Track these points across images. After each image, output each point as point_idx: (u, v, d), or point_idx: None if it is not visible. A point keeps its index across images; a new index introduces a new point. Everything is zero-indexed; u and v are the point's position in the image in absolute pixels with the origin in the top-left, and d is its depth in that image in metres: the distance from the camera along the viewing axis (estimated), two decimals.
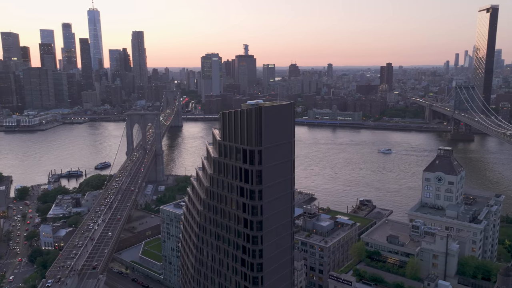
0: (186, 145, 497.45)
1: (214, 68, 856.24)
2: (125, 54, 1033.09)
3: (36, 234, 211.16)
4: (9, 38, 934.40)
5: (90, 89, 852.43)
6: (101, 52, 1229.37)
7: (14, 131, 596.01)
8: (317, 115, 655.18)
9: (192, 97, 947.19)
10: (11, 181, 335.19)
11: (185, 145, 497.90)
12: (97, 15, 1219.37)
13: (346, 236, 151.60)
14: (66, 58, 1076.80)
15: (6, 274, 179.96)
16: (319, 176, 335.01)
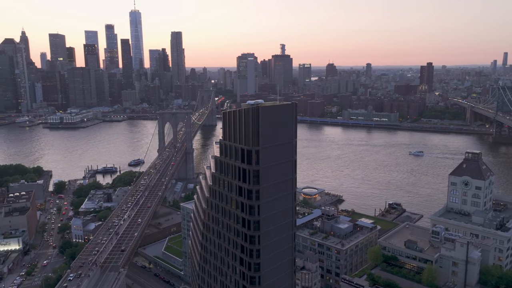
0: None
1: (250, 67, 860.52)
2: (164, 54, 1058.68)
3: (68, 226, 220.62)
4: (56, 40, 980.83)
5: (130, 88, 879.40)
6: (141, 52, 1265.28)
7: (58, 128, 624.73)
8: (352, 116, 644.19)
9: (228, 96, 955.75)
10: (50, 175, 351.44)
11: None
12: (139, 17, 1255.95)
13: (365, 239, 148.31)
14: (108, 58, 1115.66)
15: (38, 264, 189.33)
16: (349, 178, 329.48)
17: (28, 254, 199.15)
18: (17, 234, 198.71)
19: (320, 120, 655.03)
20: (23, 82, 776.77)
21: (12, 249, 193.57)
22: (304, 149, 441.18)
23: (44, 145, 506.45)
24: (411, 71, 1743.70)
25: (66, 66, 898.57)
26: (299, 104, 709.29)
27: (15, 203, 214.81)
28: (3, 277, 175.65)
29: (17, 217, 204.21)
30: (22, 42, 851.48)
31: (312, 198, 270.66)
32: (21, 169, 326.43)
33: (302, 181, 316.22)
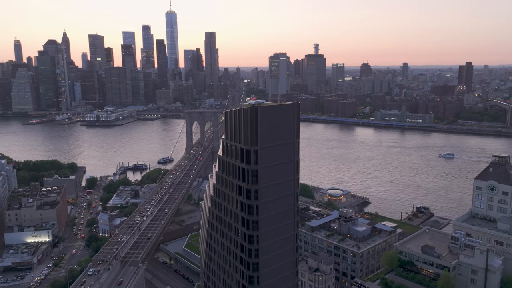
0: None
1: (282, 67, 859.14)
2: (198, 54, 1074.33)
3: (95, 221, 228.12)
4: (95, 40, 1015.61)
5: (164, 88, 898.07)
6: (177, 52, 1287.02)
7: (94, 125, 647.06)
8: (385, 117, 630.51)
9: (260, 96, 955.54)
10: (84, 171, 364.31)
11: None
12: (174, 17, 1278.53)
13: (383, 243, 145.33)
14: (145, 58, 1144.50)
15: (65, 256, 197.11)
16: (377, 180, 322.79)
17: (57, 246, 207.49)
18: (47, 226, 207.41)
19: (352, 121, 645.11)
20: (64, 82, 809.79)
21: (42, 241, 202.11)
22: (332, 150, 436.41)
23: (80, 142, 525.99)
24: (451, 71, 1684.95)
25: (104, 66, 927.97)
26: (331, 104, 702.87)
27: (47, 197, 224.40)
28: (33, 267, 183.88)
29: (48, 210, 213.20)
30: (63, 43, 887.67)
31: (337, 200, 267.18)
32: (57, 165, 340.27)
33: (328, 182, 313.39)
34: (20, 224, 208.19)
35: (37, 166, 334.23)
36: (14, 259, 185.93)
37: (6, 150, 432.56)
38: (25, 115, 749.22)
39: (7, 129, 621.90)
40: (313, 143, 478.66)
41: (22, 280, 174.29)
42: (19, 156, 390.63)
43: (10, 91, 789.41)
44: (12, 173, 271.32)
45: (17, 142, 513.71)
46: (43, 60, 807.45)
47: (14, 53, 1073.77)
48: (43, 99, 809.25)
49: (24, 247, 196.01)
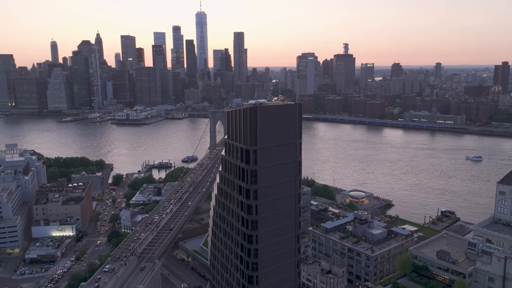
0: None
1: (310, 67, 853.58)
2: (226, 54, 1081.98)
3: (118, 217, 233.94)
4: (127, 41, 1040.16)
5: (193, 87, 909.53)
6: (206, 52, 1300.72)
7: (124, 124, 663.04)
8: (414, 118, 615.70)
9: (288, 96, 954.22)
10: (111, 168, 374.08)
11: None
12: (204, 18, 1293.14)
13: (398, 247, 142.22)
14: (175, 58, 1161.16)
15: (88, 251, 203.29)
16: (401, 182, 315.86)
17: (81, 240, 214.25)
18: (71, 221, 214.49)
19: (380, 122, 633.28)
20: (96, 81, 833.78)
21: (67, 235, 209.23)
22: (357, 151, 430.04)
23: (109, 140, 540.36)
24: (488, 71, 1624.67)
25: (135, 66, 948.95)
26: (358, 104, 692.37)
27: (72, 193, 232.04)
28: (56, 260, 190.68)
29: (73, 205, 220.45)
30: (96, 44, 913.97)
31: (359, 202, 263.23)
32: (85, 162, 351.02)
33: (351, 183, 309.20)
34: (46, 218, 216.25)
35: (67, 162, 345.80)
36: (40, 252, 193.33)
37: (39, 147, 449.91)
38: (59, 113, 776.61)
39: (42, 127, 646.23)
40: (338, 144, 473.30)
41: (46, 272, 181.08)
42: (51, 152, 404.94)
43: (46, 90, 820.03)
44: (42, 169, 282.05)
45: (50, 139, 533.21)
46: (77, 60, 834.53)
47: (50, 53, 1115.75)
48: (76, 98, 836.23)
49: (49, 240, 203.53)
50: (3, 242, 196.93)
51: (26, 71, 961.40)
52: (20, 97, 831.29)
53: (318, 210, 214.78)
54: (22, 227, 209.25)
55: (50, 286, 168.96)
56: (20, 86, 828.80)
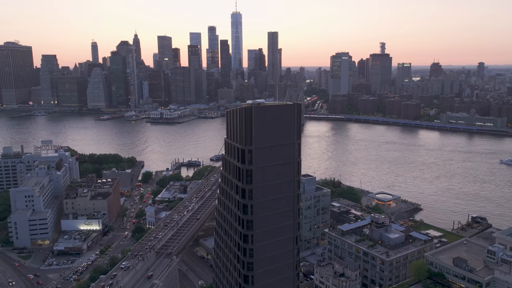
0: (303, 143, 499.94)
1: (343, 67, 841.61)
2: (260, 54, 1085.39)
3: (143, 213, 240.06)
4: (164, 41, 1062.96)
5: (226, 87, 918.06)
6: (241, 52, 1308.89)
7: (158, 122, 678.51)
8: (451, 119, 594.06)
9: (321, 96, 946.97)
10: (142, 166, 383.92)
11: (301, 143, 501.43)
12: (239, 18, 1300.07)
13: (416, 252, 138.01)
14: (210, 58, 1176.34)
15: (112, 245, 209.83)
16: (432, 186, 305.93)
17: (107, 235, 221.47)
18: (98, 216, 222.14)
19: (414, 123, 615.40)
20: (133, 80, 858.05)
21: (93, 229, 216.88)
22: (388, 153, 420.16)
23: (143, 138, 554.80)
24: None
25: (170, 66, 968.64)
26: (393, 105, 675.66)
27: (100, 188, 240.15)
28: (82, 253, 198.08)
29: (100, 201, 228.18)
30: (134, 44, 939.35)
31: (385, 205, 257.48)
32: (117, 159, 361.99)
33: (379, 186, 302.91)
34: (75, 212, 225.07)
35: (100, 159, 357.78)
36: (67, 244, 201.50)
37: (75, 143, 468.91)
38: (98, 111, 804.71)
39: (81, 124, 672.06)
40: (368, 145, 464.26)
41: (71, 264, 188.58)
42: (86, 149, 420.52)
43: (86, 89, 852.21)
44: (75, 165, 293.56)
45: (87, 136, 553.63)
46: (115, 60, 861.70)
47: (91, 53, 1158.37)
48: (114, 96, 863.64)
49: (76, 233, 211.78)
50: (34, 233, 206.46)
51: (69, 71, 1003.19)
52: (62, 96, 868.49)
53: (340, 212, 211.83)
54: (53, 220, 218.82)
55: (74, 277, 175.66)
56: (62, 85, 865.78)
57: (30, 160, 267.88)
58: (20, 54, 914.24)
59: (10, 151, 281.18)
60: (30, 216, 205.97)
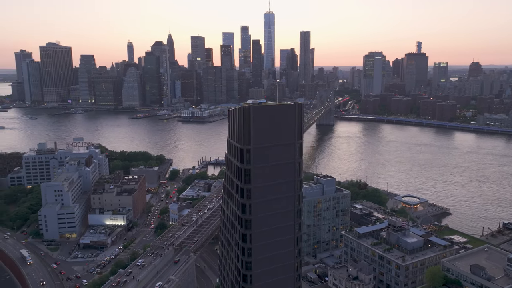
0: (331, 144, 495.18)
1: (376, 67, 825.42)
2: (292, 54, 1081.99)
3: (167, 210, 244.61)
4: (197, 41, 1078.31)
5: (257, 86, 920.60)
6: (273, 52, 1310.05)
7: (189, 121, 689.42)
8: (489, 121, 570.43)
9: (354, 96, 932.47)
10: (170, 163, 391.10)
11: (330, 144, 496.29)
12: (272, 18, 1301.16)
13: (434, 257, 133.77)
14: (242, 58, 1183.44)
15: (135, 240, 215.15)
16: (462, 190, 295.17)
17: (131, 230, 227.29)
18: (123, 211, 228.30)
19: (449, 125, 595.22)
20: (166, 80, 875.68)
21: (118, 224, 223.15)
22: (419, 155, 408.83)
23: (174, 136, 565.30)
24: None
25: (202, 66, 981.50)
26: (427, 106, 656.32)
27: (126, 185, 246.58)
28: (106, 247, 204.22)
29: (125, 197, 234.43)
30: (168, 44, 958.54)
31: (411, 208, 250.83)
32: (146, 156, 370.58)
33: (407, 188, 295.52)
34: (101, 208, 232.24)
35: (130, 156, 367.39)
36: (92, 238, 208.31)
37: (109, 141, 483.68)
38: (132, 110, 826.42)
39: (115, 122, 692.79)
40: (399, 147, 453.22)
41: (95, 258, 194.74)
42: (119, 146, 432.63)
43: (121, 88, 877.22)
44: (104, 162, 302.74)
45: (120, 134, 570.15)
46: (149, 60, 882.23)
47: (127, 53, 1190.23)
48: (148, 95, 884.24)
49: (102, 228, 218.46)
50: (62, 227, 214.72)
51: (106, 71, 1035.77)
52: (99, 95, 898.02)
53: (362, 214, 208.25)
54: (80, 214, 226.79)
55: (97, 270, 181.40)
56: (99, 84, 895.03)
57: (62, 156, 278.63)
58: (60, 54, 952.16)
59: (44, 147, 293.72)
60: (59, 210, 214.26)
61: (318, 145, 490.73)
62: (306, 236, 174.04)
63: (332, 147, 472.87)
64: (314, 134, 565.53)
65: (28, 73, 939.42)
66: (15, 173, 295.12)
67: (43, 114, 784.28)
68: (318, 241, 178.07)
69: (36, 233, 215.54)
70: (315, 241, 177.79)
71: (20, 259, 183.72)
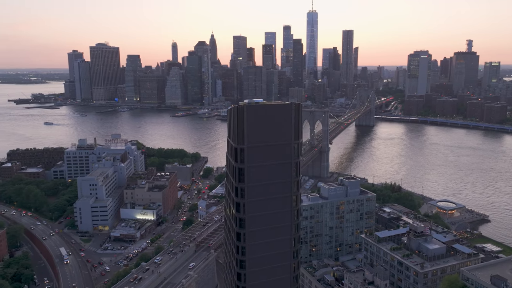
0: (370, 145, 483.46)
1: (422, 66, 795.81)
2: (335, 53, 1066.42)
3: (196, 207, 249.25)
4: (239, 41, 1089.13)
5: (298, 86, 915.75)
6: (316, 51, 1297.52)
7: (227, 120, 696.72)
8: None
9: (398, 96, 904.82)
10: (206, 161, 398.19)
11: (369, 145, 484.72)
12: (315, 17, 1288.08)
13: (457, 266, 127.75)
14: (284, 57, 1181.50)
15: (163, 235, 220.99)
16: (505, 196, 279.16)
17: (160, 225, 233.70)
18: (153, 207, 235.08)
19: (498, 127, 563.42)
20: (207, 79, 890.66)
21: (148, 219, 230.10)
22: (460, 158, 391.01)
23: (212, 134, 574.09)
24: None
25: (243, 65, 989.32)
26: (475, 107, 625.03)
27: (158, 181, 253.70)
28: (135, 240, 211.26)
29: (156, 193, 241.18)
30: (210, 44, 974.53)
31: (446, 213, 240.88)
32: (183, 154, 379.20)
33: (444, 193, 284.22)
34: (133, 202, 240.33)
35: (167, 153, 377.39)
36: (122, 231, 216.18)
37: (148, 138, 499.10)
38: (174, 108, 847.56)
39: (158, 120, 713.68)
40: (440, 149, 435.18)
41: (124, 250, 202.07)
42: (157, 143, 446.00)
43: (165, 87, 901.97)
44: (140, 158, 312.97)
45: (161, 131, 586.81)
46: (192, 60, 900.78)
47: (171, 53, 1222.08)
48: (190, 94, 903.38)
49: (132, 222, 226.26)
50: (95, 219, 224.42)
51: (151, 70, 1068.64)
52: (144, 93, 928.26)
53: (389, 218, 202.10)
54: (113, 208, 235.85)
55: (124, 262, 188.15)
56: (144, 83, 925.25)
57: (100, 152, 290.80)
58: (109, 54, 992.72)
59: (84, 143, 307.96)
60: (93, 203, 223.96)
61: (356, 146, 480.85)
62: (328, 238, 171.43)
63: (371, 149, 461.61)
64: (353, 135, 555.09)
65: (79, 72, 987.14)
66: (58, 167, 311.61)
67: (92, 112, 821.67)
68: (341, 243, 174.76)
69: (72, 224, 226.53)
70: (338, 244, 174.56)
71: (59, 256, 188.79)
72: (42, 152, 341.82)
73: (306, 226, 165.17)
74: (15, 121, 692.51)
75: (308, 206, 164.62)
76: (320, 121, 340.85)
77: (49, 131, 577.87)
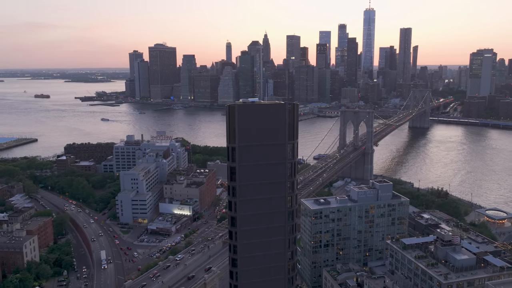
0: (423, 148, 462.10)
1: (485, 65, 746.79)
2: (391, 52, 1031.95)
3: None
4: (293, 40, 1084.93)
5: (351, 86, 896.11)
6: (372, 50, 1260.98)
7: None
8: None
9: (459, 97, 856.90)
10: None
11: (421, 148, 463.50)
12: (373, 15, 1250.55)
13: (486, 279, 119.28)
14: (339, 56, 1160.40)
15: (198, 230, 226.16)
16: None
17: (196, 221, 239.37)
18: (190, 202, 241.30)
19: None
20: (259, 78, 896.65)
21: (185, 214, 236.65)
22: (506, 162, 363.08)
23: None
24: None
25: (296, 64, 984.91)
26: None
27: (196, 177, 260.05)
28: (170, 234, 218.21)
29: (193, 189, 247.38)
30: (263, 44, 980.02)
31: (495, 223, 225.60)
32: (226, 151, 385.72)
33: (495, 201, 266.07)
34: (172, 197, 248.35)
35: (211, 151, 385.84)
36: (159, 225, 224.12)
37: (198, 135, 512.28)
38: None
39: (209, 118, 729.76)
40: (501, 155, 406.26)
41: (159, 243, 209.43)
42: (204, 141, 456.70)
43: (218, 86, 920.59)
44: (183, 155, 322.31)
45: (210, 129, 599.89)
46: (244, 60, 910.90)
47: (225, 53, 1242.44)
48: (241, 93, 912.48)
49: (169, 216, 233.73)
50: (135, 212, 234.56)
51: (206, 69, 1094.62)
52: (198, 92, 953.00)
53: (427, 225, 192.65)
54: (153, 202, 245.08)
55: (157, 255, 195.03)
56: (198, 82, 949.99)
57: (146, 148, 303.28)
58: (166, 54, 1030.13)
59: (132, 139, 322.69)
60: (133, 197, 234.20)
61: (408, 149, 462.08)
62: (356, 242, 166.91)
63: (424, 152, 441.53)
64: (405, 137, 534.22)
65: (138, 71, 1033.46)
66: (107, 161, 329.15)
67: (149, 109, 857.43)
68: (370, 248, 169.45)
69: (114, 216, 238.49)
70: (367, 249, 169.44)
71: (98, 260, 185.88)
72: (95, 147, 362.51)
73: (332, 228, 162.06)
74: (78, 117, 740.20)
75: (335, 209, 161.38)
76: (364, 122, 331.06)
77: (107, 127, 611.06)
